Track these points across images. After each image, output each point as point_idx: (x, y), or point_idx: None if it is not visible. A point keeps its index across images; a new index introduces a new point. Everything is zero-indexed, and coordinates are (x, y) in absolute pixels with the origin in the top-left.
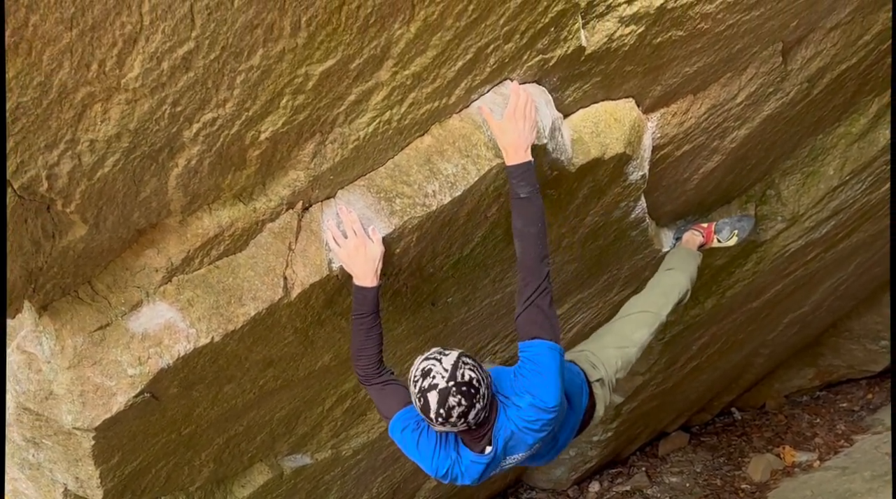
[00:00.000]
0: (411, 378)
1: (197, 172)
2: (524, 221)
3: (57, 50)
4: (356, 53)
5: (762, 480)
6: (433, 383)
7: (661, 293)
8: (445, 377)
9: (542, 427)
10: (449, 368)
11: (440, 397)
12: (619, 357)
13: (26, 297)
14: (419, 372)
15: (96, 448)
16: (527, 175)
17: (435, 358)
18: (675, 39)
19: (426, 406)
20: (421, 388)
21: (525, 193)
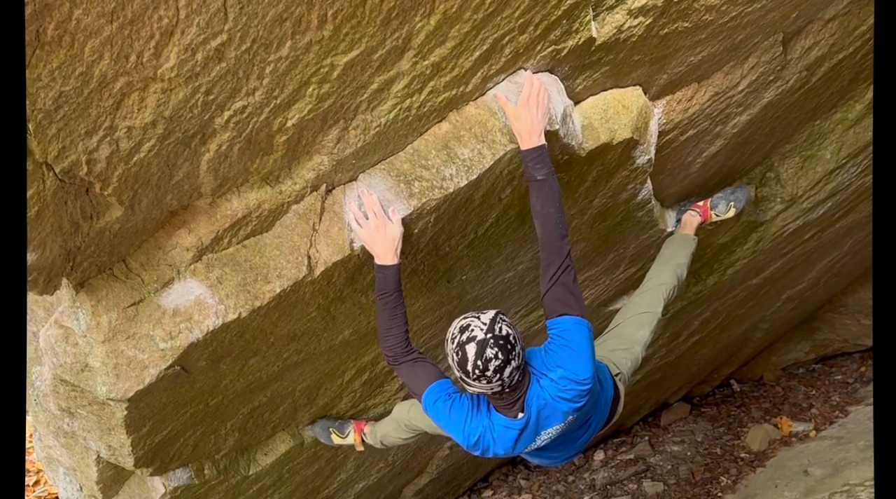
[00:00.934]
0: (449, 337)
1: (227, 157)
2: (542, 202)
3: (98, 42)
4: (379, 45)
5: (760, 449)
6: (472, 335)
7: (655, 295)
8: (484, 329)
9: (576, 398)
10: (487, 322)
11: (478, 347)
12: (628, 357)
13: (64, 274)
14: (457, 329)
15: (128, 418)
16: (542, 158)
17: (473, 316)
18: (681, 31)
19: (464, 359)
20: (459, 342)
21: (541, 176)
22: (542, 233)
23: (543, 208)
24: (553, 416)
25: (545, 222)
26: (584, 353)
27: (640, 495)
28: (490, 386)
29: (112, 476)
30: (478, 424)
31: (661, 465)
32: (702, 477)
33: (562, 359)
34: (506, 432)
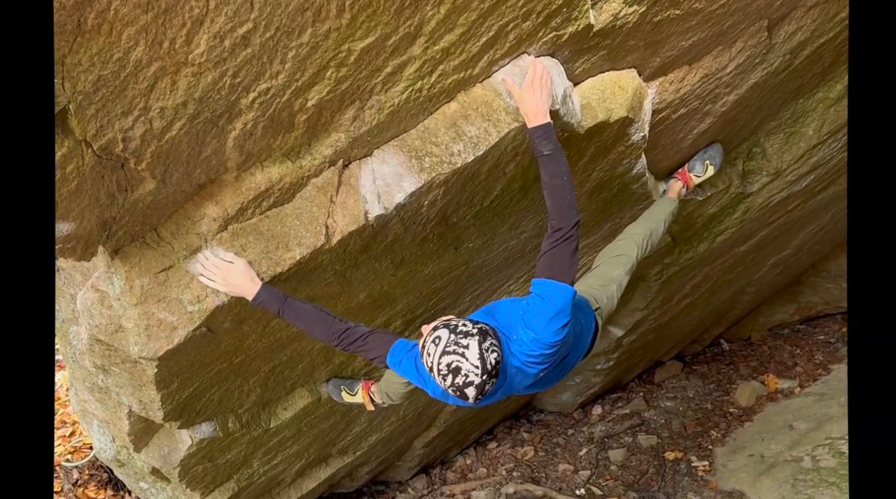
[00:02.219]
0: (436, 371)
1: (252, 135)
2: (550, 175)
3: (134, 30)
4: (392, 32)
5: (748, 404)
6: (468, 381)
7: (631, 241)
8: (479, 373)
9: (544, 360)
10: (478, 363)
11: (478, 390)
12: (604, 294)
13: (101, 242)
14: (445, 367)
15: (158, 375)
16: (547, 135)
17: (457, 353)
18: (673, 18)
19: (464, 396)
20: (455, 385)
21: (548, 151)
22: (551, 203)
23: (552, 180)
24: (523, 378)
25: (553, 193)
26: (559, 319)
27: (635, 447)
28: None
29: (142, 429)
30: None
31: (655, 419)
32: (693, 431)
33: (536, 322)
34: None
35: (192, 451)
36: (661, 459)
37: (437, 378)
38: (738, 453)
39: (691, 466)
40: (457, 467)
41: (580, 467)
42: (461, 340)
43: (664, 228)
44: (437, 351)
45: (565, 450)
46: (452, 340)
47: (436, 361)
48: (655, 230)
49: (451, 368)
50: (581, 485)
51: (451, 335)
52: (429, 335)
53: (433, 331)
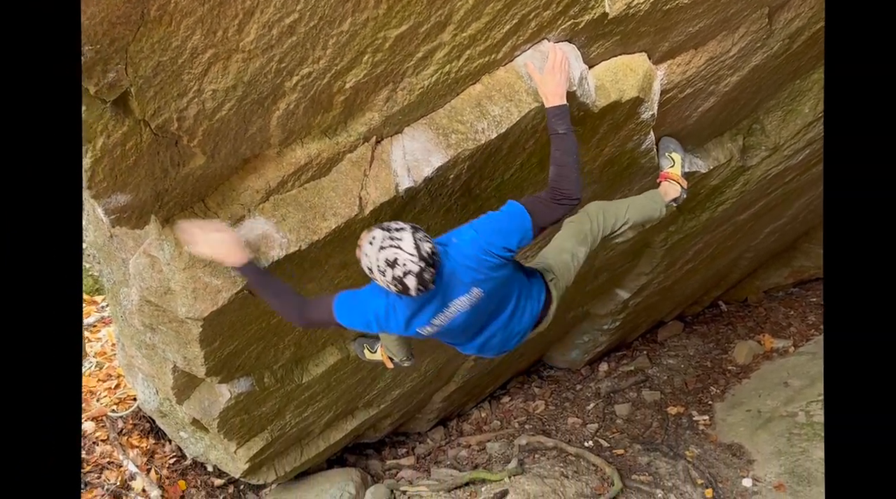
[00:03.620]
0: (375, 268)
1: (293, 114)
2: (562, 152)
3: (192, 21)
4: (425, 20)
5: (746, 362)
6: (407, 270)
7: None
8: (416, 260)
9: (478, 266)
10: (413, 250)
11: (418, 279)
12: (558, 262)
13: (153, 212)
14: (384, 262)
15: (203, 334)
16: (563, 116)
17: (392, 246)
18: (682, 6)
19: (405, 289)
20: (395, 277)
21: (562, 130)
22: (559, 177)
23: (563, 158)
24: (459, 287)
25: (562, 169)
26: (507, 238)
27: (639, 402)
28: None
29: (185, 383)
30: (387, 307)
31: (658, 376)
32: (694, 387)
33: (485, 225)
34: (414, 304)
35: (230, 404)
36: (664, 413)
37: (377, 277)
38: (737, 408)
39: (692, 420)
40: (472, 420)
41: (588, 421)
42: (395, 234)
43: (634, 219)
44: (373, 249)
45: (574, 404)
46: (386, 236)
47: (374, 259)
48: (618, 215)
49: (389, 262)
50: (589, 437)
51: (384, 232)
52: (365, 239)
53: (367, 233)
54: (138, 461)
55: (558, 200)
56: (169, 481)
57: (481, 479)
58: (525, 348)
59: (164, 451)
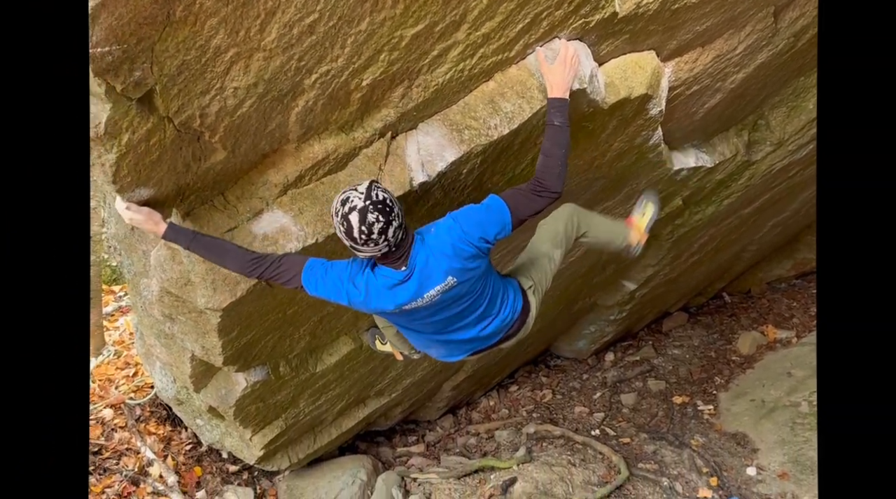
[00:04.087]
0: (332, 211)
1: (312, 111)
2: (552, 144)
3: (215, 21)
4: (440, 20)
5: (749, 353)
6: (353, 205)
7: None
8: (362, 198)
9: (454, 254)
10: (364, 191)
11: (360, 215)
12: (536, 268)
13: (174, 205)
14: (338, 203)
15: (221, 324)
16: (562, 109)
17: (351, 189)
18: (689, 5)
19: (349, 228)
20: (342, 214)
21: (558, 122)
22: (545, 167)
23: (552, 149)
24: (434, 274)
25: (550, 160)
26: (486, 219)
27: (645, 391)
28: (378, 248)
29: (203, 371)
30: (360, 280)
31: (664, 366)
32: (699, 377)
33: (465, 216)
34: (387, 282)
35: (246, 392)
36: (669, 402)
37: (334, 223)
38: (741, 397)
39: (697, 409)
40: (481, 408)
41: (595, 410)
42: (356, 184)
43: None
44: (337, 197)
45: (581, 393)
46: (350, 186)
47: (335, 204)
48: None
49: (342, 201)
50: (596, 426)
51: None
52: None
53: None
54: (155, 448)
55: (539, 192)
56: (185, 468)
57: (490, 466)
58: (532, 339)
59: (180, 438)
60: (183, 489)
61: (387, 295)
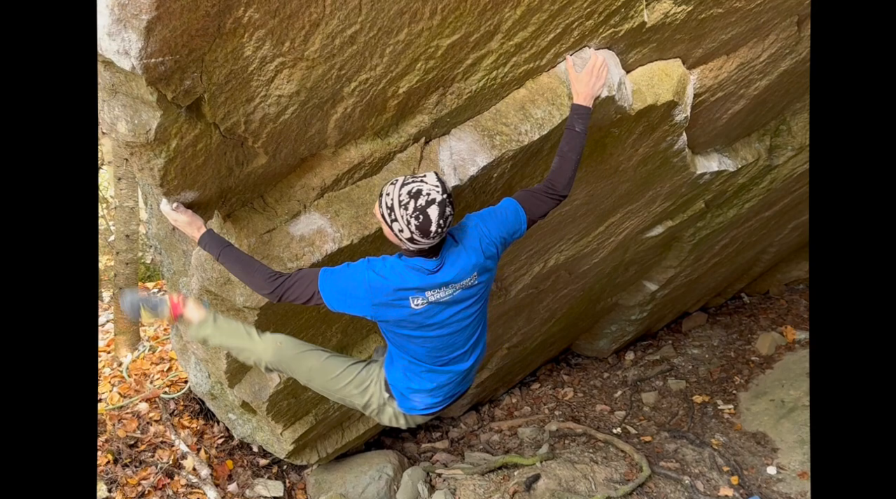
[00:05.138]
0: (396, 204)
1: (350, 117)
2: (570, 148)
3: (263, 32)
4: (475, 30)
5: (768, 353)
6: (431, 199)
7: None
8: (440, 190)
9: (483, 250)
10: (438, 183)
11: (440, 209)
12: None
13: (217, 208)
14: (406, 195)
15: (258, 322)
16: (585, 116)
17: (416, 181)
18: (716, 15)
19: (426, 221)
20: (417, 207)
21: (579, 128)
22: (559, 169)
23: (568, 153)
24: (464, 267)
25: (565, 163)
26: (504, 219)
27: (666, 390)
28: (435, 241)
29: (237, 368)
30: (380, 266)
31: (683, 365)
32: (718, 376)
33: (485, 214)
34: (417, 266)
35: (279, 388)
36: (689, 402)
37: (398, 212)
38: (760, 397)
39: (717, 409)
40: (504, 405)
41: (616, 408)
42: (417, 175)
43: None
44: (395, 187)
45: (602, 392)
46: (409, 176)
47: (395, 195)
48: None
49: (412, 194)
50: (617, 424)
51: (406, 176)
52: (384, 188)
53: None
54: (189, 441)
55: (550, 193)
56: (217, 461)
57: (514, 463)
58: (554, 337)
59: (212, 431)
60: (215, 482)
61: (412, 275)
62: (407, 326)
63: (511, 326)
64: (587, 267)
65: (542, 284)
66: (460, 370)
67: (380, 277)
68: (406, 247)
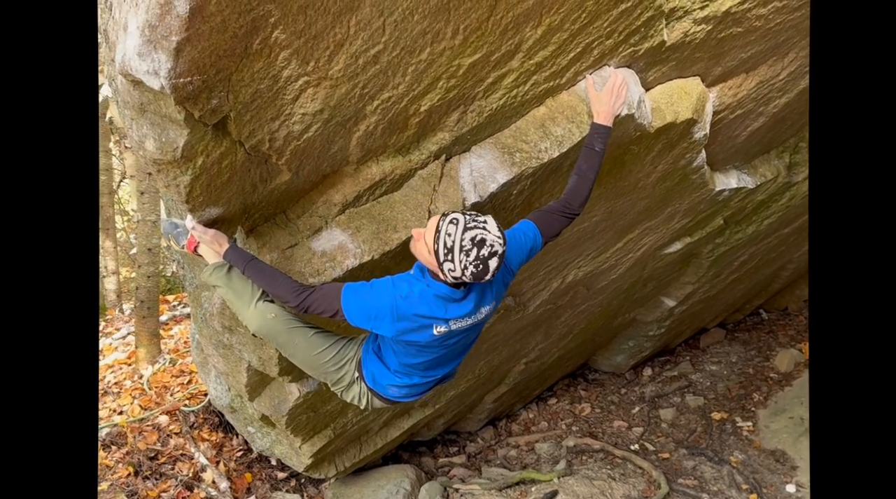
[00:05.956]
0: (457, 248)
1: (372, 135)
2: (588, 167)
3: (288, 53)
4: (496, 49)
5: (787, 370)
6: (493, 250)
7: None
8: (501, 242)
9: (503, 279)
10: (500, 234)
11: (499, 262)
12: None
13: (240, 223)
14: (469, 241)
15: None
16: (604, 136)
17: (478, 226)
18: (735, 34)
19: (484, 271)
20: (480, 256)
21: (598, 148)
22: (576, 187)
23: (587, 171)
24: (487, 296)
25: (582, 181)
26: (523, 244)
27: (684, 407)
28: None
29: (258, 381)
30: (405, 288)
31: (701, 381)
32: (737, 393)
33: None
34: (442, 293)
35: (299, 402)
36: (707, 418)
37: (457, 256)
38: (779, 415)
39: (736, 426)
40: (521, 421)
41: (633, 424)
42: (478, 218)
43: None
44: (458, 229)
45: (619, 408)
46: (471, 218)
47: (458, 238)
48: None
49: (475, 242)
50: (635, 441)
51: (467, 216)
52: (441, 221)
53: (444, 217)
54: (208, 454)
55: (565, 213)
56: (236, 474)
57: (531, 479)
58: (572, 353)
59: (231, 444)
60: (234, 495)
61: (439, 305)
62: (419, 345)
63: (529, 342)
64: (605, 283)
65: (561, 300)
66: (438, 377)
67: (406, 303)
68: (444, 279)
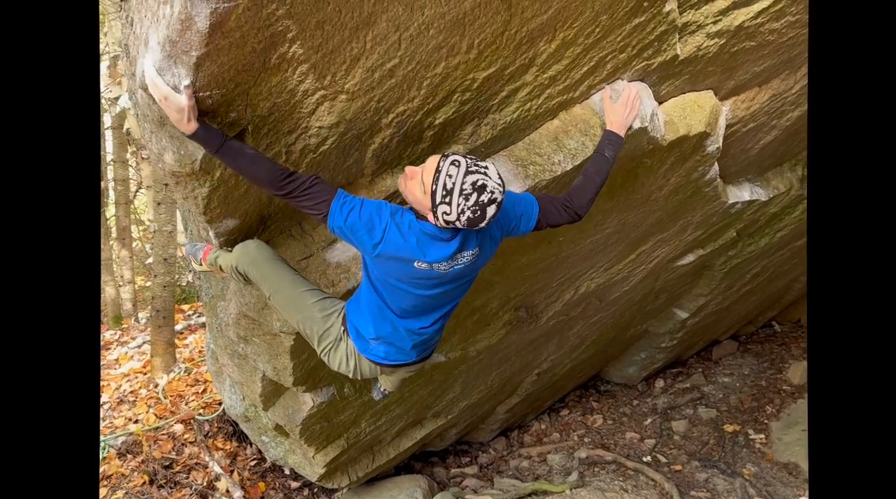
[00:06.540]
0: (457, 190)
1: (387, 147)
2: (595, 171)
3: (306, 67)
4: (510, 63)
5: (800, 382)
6: (493, 197)
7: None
8: (501, 190)
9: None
10: (500, 181)
11: (497, 209)
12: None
13: (256, 235)
14: (470, 186)
15: (293, 347)
16: (616, 144)
17: (480, 171)
18: (748, 48)
19: (481, 217)
20: (479, 202)
21: (609, 155)
22: (581, 189)
23: (594, 176)
24: (470, 242)
25: (588, 184)
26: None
27: (696, 419)
28: None
29: (272, 391)
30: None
31: (714, 394)
32: (749, 405)
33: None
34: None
35: (313, 412)
36: (720, 431)
37: (455, 199)
38: (792, 427)
39: (749, 438)
40: (533, 432)
41: (645, 436)
42: (479, 162)
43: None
44: (459, 172)
45: (631, 419)
46: (472, 162)
47: (459, 181)
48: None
49: (476, 186)
50: (647, 453)
51: (469, 159)
52: (442, 162)
53: (445, 158)
54: (222, 463)
55: (567, 207)
56: (250, 483)
57: (543, 490)
58: (584, 364)
59: (245, 454)
60: None
61: (426, 243)
62: (398, 278)
63: (541, 353)
64: (618, 294)
65: (573, 311)
66: (411, 328)
67: (399, 233)
68: (434, 221)
